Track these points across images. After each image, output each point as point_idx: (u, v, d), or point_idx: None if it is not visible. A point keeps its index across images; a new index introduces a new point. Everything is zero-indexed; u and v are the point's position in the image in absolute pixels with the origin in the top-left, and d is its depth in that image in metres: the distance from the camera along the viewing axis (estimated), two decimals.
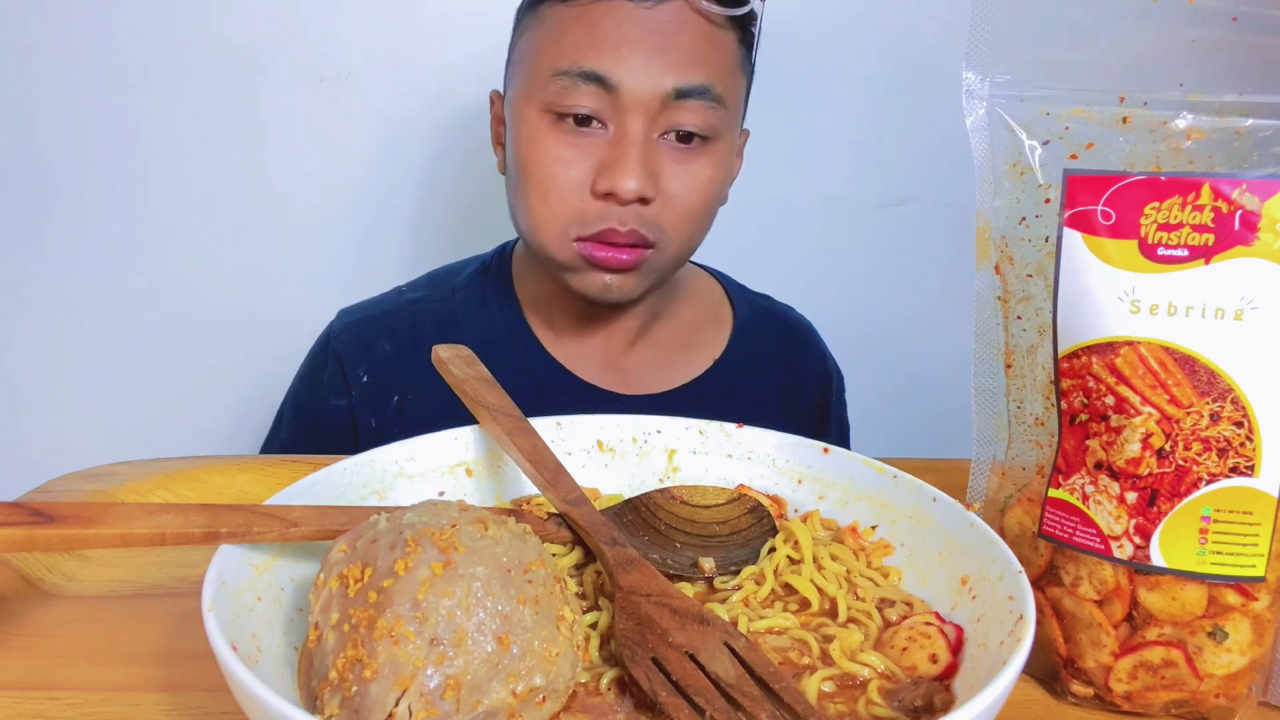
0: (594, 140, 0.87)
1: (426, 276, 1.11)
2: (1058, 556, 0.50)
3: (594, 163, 0.87)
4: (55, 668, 0.49)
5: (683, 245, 0.93)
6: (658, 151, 0.87)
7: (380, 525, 0.43)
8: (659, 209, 0.88)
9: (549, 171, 0.87)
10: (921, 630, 0.48)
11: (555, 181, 0.87)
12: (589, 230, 0.88)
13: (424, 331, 1.04)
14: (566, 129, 0.87)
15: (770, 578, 0.53)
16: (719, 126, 0.90)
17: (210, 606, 0.40)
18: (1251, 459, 0.45)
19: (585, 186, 0.87)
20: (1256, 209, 0.43)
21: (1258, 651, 0.47)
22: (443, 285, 1.08)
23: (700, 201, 0.91)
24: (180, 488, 0.69)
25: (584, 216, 0.88)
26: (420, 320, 1.04)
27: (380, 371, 1.01)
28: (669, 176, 0.88)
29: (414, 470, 0.59)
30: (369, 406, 1.01)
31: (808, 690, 0.44)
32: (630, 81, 0.84)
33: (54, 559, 0.59)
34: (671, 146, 0.88)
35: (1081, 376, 0.48)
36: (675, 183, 0.88)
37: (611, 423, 0.65)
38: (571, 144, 0.87)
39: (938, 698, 0.43)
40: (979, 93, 0.51)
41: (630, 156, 0.85)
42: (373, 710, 0.37)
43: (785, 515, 0.61)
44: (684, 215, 0.90)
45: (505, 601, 0.39)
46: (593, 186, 0.87)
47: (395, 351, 1.03)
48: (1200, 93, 0.46)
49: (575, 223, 0.88)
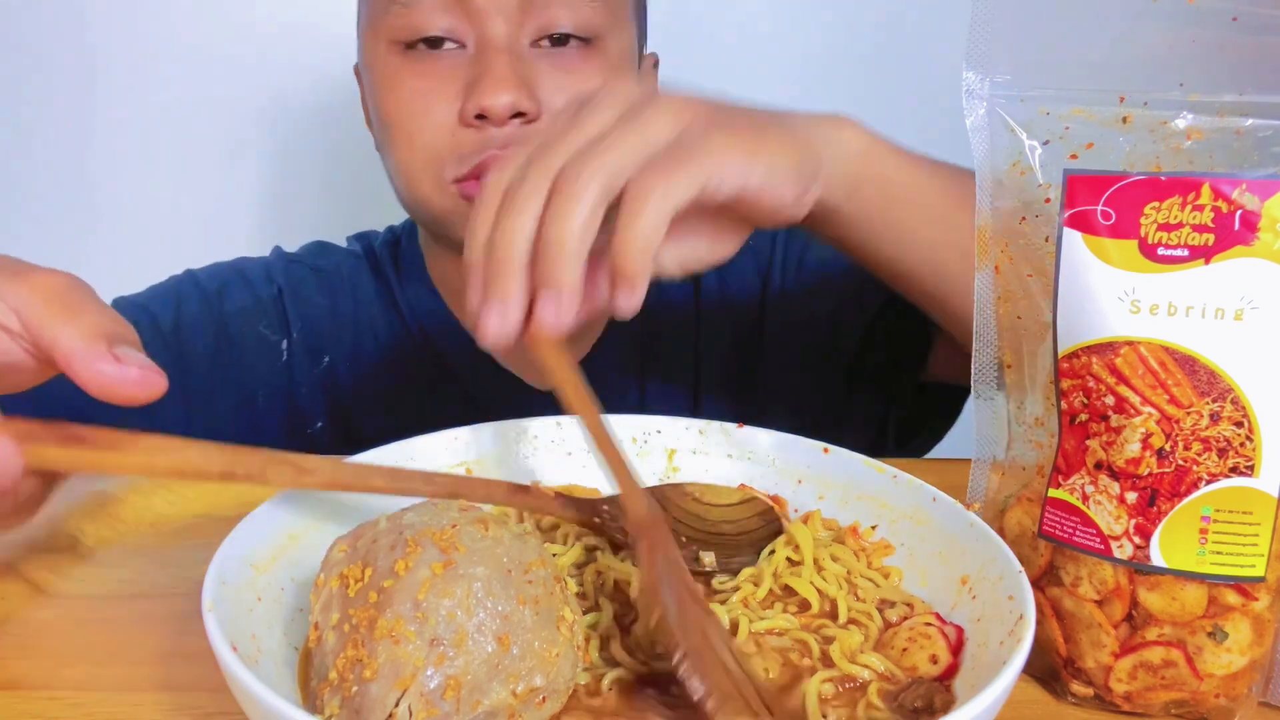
0: (452, 63, 0.75)
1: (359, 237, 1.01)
2: (1058, 556, 0.50)
3: (458, 88, 0.75)
4: (55, 668, 0.49)
5: None
6: (530, 60, 0.75)
7: (380, 525, 0.43)
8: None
9: (408, 110, 0.76)
10: (922, 631, 0.48)
11: (417, 121, 0.76)
12: (466, 166, 0.76)
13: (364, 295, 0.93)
14: (417, 57, 0.76)
15: (768, 579, 0.53)
16: (599, 25, 0.77)
17: (210, 606, 0.40)
18: (1251, 459, 0.45)
19: (452, 118, 0.75)
20: (1256, 209, 0.43)
21: (1258, 651, 0.47)
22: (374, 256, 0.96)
23: None
24: (180, 487, 0.68)
25: (458, 152, 0.76)
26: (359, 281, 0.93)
27: (314, 322, 0.91)
28: (550, 87, 0.75)
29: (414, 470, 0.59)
30: (303, 357, 0.90)
31: (808, 692, 0.44)
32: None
33: (54, 559, 0.59)
34: (546, 53, 0.76)
35: (1081, 376, 0.48)
36: (559, 93, 0.75)
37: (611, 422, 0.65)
38: (427, 73, 0.75)
39: (938, 698, 0.43)
40: (979, 93, 0.51)
41: (496, 65, 0.73)
42: (373, 710, 0.37)
43: (787, 515, 0.61)
44: None
45: (505, 602, 0.39)
46: (460, 114, 0.75)
47: (331, 306, 0.92)
48: (1200, 93, 0.46)
49: (450, 162, 0.76)
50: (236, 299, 0.89)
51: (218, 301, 0.89)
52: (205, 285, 0.90)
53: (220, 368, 0.87)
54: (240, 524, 0.47)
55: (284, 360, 0.89)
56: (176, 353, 0.85)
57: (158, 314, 0.86)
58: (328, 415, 0.91)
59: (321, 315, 0.92)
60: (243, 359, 0.88)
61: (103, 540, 0.62)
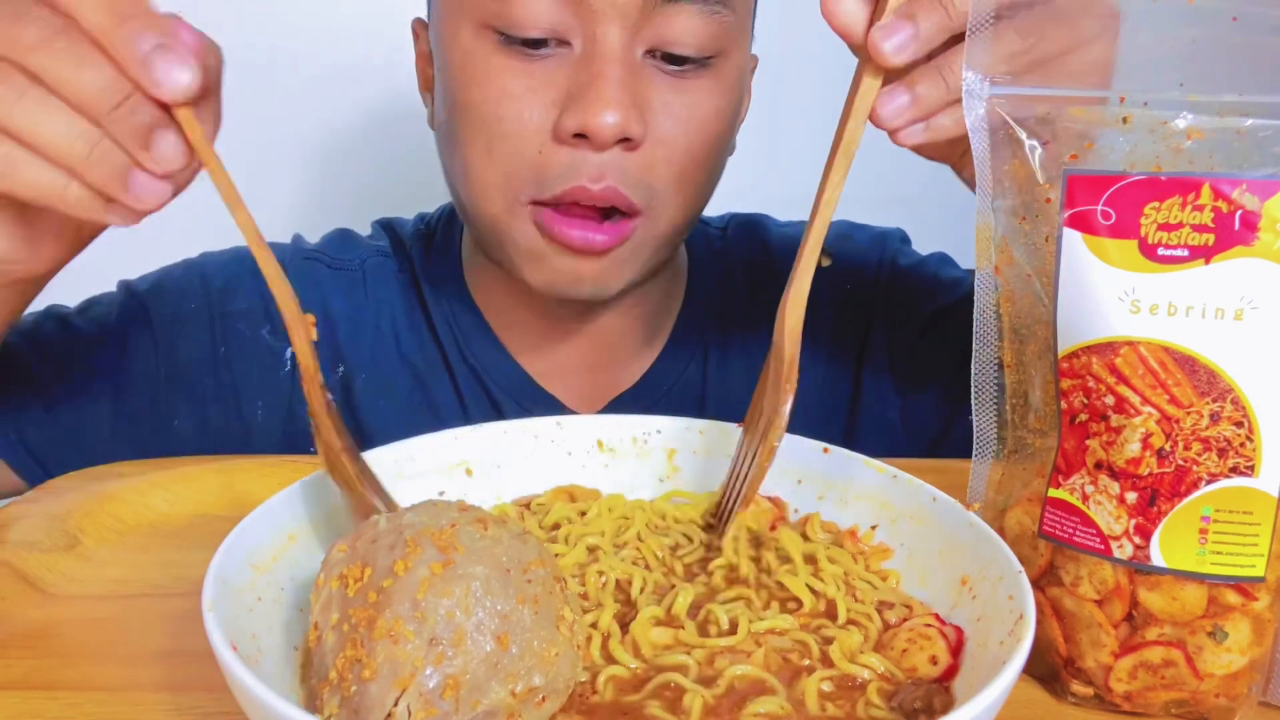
0: (554, 65, 0.64)
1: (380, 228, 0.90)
2: (1058, 556, 0.50)
3: (555, 95, 0.64)
4: (55, 668, 0.49)
5: (682, 209, 0.69)
6: (643, 75, 0.65)
7: (380, 526, 0.43)
8: (647, 157, 0.65)
9: (495, 112, 0.64)
10: (921, 632, 0.48)
11: (503, 127, 0.64)
12: (549, 191, 0.65)
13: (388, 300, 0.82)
14: (515, 53, 0.64)
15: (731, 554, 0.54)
16: (725, 41, 0.67)
17: (210, 606, 0.40)
18: (1251, 459, 0.45)
19: (545, 130, 0.64)
20: (1256, 209, 0.43)
21: (1258, 651, 0.47)
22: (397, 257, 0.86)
23: (702, 144, 0.67)
24: (180, 487, 0.68)
25: (542, 172, 0.65)
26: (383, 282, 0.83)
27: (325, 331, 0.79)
28: (660, 110, 0.65)
29: (413, 470, 0.59)
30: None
31: (807, 690, 0.44)
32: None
33: (54, 559, 0.59)
34: (660, 70, 0.65)
35: (1081, 376, 0.48)
36: (669, 119, 0.65)
37: (611, 423, 0.65)
38: (523, 72, 0.64)
39: (937, 700, 0.43)
40: (979, 93, 0.51)
41: (607, 79, 0.62)
42: (372, 710, 0.37)
43: (786, 518, 0.61)
44: (682, 165, 0.67)
45: (504, 601, 0.39)
46: (555, 128, 0.64)
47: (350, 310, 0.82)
48: (1200, 93, 0.46)
49: (530, 182, 0.66)
50: (242, 300, 0.81)
51: (220, 301, 0.81)
52: (211, 280, 0.82)
53: (214, 371, 0.80)
54: (240, 524, 0.47)
55: (286, 371, 0.80)
56: (167, 353, 0.79)
57: (154, 308, 0.80)
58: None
59: (338, 320, 0.82)
60: (242, 365, 0.80)
61: (103, 540, 0.63)
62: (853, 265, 0.85)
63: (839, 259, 0.85)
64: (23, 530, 0.61)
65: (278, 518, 0.50)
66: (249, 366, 0.80)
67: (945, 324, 0.82)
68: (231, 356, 0.80)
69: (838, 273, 0.83)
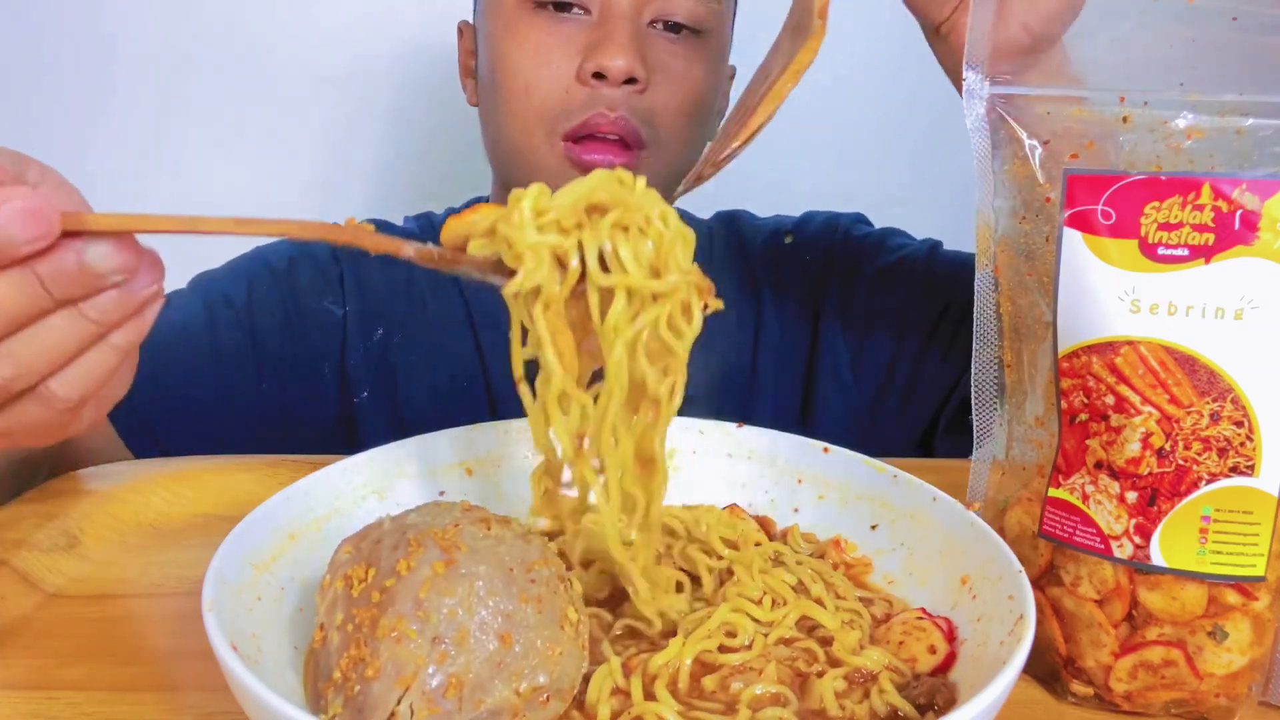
0: (576, 26, 0.83)
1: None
2: (1058, 556, 0.50)
3: (577, 48, 0.82)
4: (55, 668, 0.49)
5: (676, 153, 0.87)
6: (648, 39, 0.83)
7: (385, 526, 0.43)
8: (650, 100, 0.83)
9: (531, 62, 0.83)
10: (915, 624, 0.49)
11: (538, 73, 0.83)
12: (574, 120, 0.83)
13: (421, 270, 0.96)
14: (546, 16, 0.83)
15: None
16: (714, 21, 0.86)
17: (210, 606, 0.40)
18: (1251, 459, 0.45)
19: (570, 74, 0.83)
20: (1256, 209, 0.43)
21: (1258, 651, 0.47)
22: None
23: (693, 97, 0.86)
24: (180, 487, 0.68)
25: (569, 106, 0.83)
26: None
27: (371, 295, 0.95)
28: (660, 66, 0.84)
29: (414, 470, 0.59)
30: (358, 328, 0.94)
31: (824, 692, 0.44)
32: None
33: (54, 559, 0.59)
34: (661, 35, 0.84)
35: (1081, 376, 0.48)
36: (667, 74, 0.84)
37: None
38: (552, 31, 0.83)
39: (939, 695, 0.43)
40: (979, 93, 0.52)
41: (618, 31, 0.81)
42: (375, 709, 0.37)
43: (773, 535, 0.61)
44: (678, 109, 0.85)
45: (508, 600, 0.39)
46: (578, 72, 0.82)
47: (387, 280, 0.97)
48: (1200, 93, 0.46)
49: (560, 115, 0.83)
50: (304, 275, 0.95)
51: (287, 279, 0.95)
52: (275, 264, 0.96)
53: (291, 340, 0.93)
54: (240, 524, 0.47)
55: (342, 330, 0.95)
56: (249, 328, 0.91)
57: (231, 292, 0.92)
58: (374, 386, 0.95)
59: (378, 288, 0.96)
60: (310, 332, 0.94)
61: (103, 540, 0.62)
62: (811, 239, 1.03)
63: (800, 236, 1.04)
64: (23, 530, 0.61)
65: (278, 518, 0.50)
66: (318, 333, 0.94)
67: (890, 281, 0.98)
68: (303, 326, 0.94)
69: (798, 246, 1.03)
